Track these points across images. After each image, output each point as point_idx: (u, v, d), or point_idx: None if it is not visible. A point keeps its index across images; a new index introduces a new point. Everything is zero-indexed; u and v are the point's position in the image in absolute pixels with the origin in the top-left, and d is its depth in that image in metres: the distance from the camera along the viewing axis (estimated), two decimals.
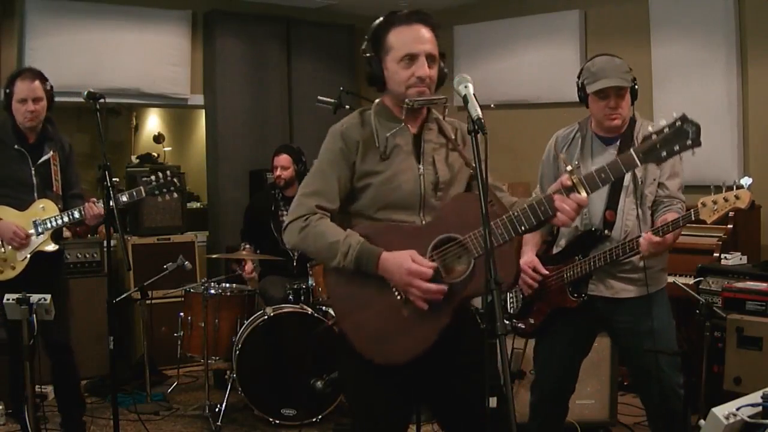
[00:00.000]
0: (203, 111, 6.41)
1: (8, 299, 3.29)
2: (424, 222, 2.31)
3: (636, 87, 3.07)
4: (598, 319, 3.15)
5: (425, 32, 2.28)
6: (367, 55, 2.34)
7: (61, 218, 3.79)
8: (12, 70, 5.36)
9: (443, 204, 2.32)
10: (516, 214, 2.18)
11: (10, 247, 3.74)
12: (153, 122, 8.81)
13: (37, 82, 3.75)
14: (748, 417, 1.88)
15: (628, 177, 3.05)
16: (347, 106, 4.75)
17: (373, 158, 2.31)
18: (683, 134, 2.13)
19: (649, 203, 3.07)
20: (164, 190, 3.85)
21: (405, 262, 2.18)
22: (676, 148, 2.14)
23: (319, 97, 4.67)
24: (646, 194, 3.05)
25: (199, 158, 6.99)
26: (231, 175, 6.26)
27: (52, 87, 3.85)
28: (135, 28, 5.83)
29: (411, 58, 2.25)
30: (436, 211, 2.31)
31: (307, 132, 6.50)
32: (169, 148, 8.35)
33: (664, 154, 2.15)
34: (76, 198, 3.94)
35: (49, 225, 3.78)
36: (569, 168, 2.17)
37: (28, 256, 3.77)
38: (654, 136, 2.15)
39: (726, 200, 2.71)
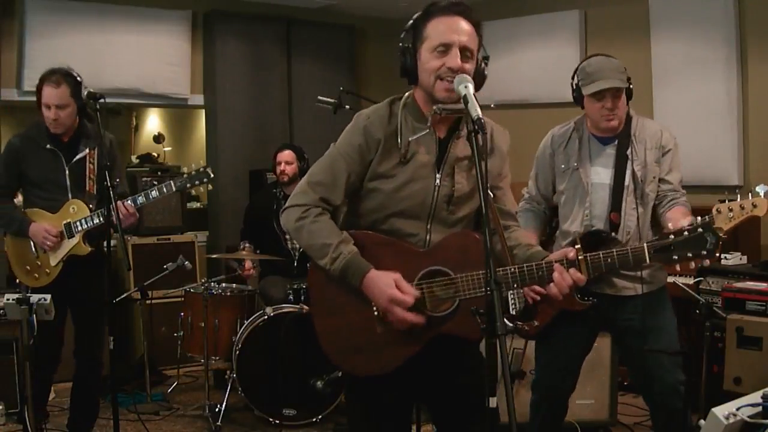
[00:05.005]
0: (203, 111, 6.42)
1: (8, 299, 3.29)
2: (429, 235, 2.22)
3: (631, 87, 3.06)
4: (601, 318, 3.14)
5: (464, 24, 2.18)
6: (402, 45, 2.22)
7: (92, 219, 3.63)
8: (12, 71, 5.41)
9: (448, 235, 2.22)
10: (513, 271, 2.13)
11: (43, 250, 3.63)
12: (153, 122, 8.81)
13: (62, 88, 3.58)
14: (748, 417, 1.88)
15: (628, 176, 3.05)
16: (347, 106, 4.75)
17: (390, 160, 2.20)
18: (701, 242, 2.07)
19: (650, 201, 3.06)
20: (196, 182, 3.70)
21: (388, 288, 2.10)
22: (689, 254, 2.07)
23: (319, 97, 4.67)
24: (647, 193, 3.04)
25: (199, 158, 6.98)
26: (231, 175, 6.26)
27: (82, 86, 3.63)
28: (135, 28, 5.82)
29: (445, 48, 2.13)
30: (439, 239, 2.21)
31: (307, 132, 6.50)
32: (169, 148, 8.35)
33: (675, 257, 2.09)
34: (120, 196, 3.65)
35: (80, 226, 3.63)
36: (578, 247, 2.13)
37: (62, 260, 3.66)
38: (671, 237, 2.09)
39: (742, 208, 2.65)
